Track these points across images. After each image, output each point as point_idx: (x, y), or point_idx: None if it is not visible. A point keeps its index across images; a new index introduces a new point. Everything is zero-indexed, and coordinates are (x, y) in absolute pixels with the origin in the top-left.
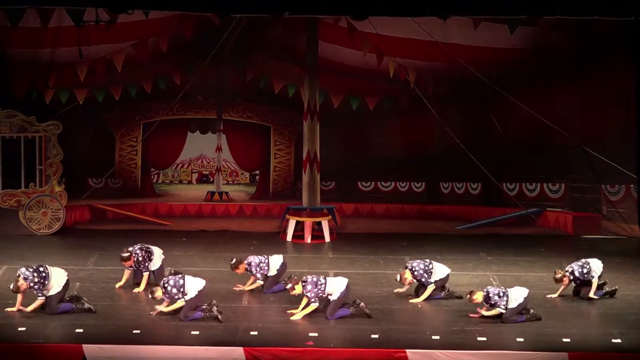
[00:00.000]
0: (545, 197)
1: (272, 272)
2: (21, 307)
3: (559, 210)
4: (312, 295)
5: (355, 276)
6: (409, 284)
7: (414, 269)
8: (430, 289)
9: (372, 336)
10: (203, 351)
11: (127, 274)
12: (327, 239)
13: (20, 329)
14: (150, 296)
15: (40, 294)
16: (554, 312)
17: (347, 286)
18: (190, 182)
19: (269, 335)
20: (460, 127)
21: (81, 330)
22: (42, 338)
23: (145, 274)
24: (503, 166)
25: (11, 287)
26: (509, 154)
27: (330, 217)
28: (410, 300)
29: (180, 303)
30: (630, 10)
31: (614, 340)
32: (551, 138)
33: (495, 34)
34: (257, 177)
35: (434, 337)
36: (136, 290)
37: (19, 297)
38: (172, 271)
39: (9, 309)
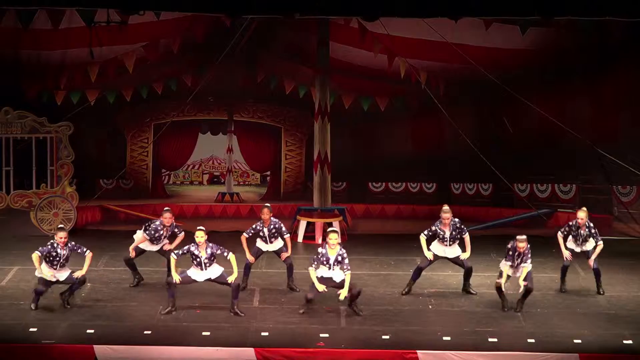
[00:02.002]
0: (556, 198)
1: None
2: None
3: (570, 211)
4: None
5: (366, 277)
6: (447, 224)
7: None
8: (468, 237)
9: (383, 337)
10: (214, 352)
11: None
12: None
13: (31, 329)
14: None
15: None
16: (565, 312)
17: None
18: (201, 183)
19: (280, 336)
20: (472, 128)
21: (92, 331)
22: (53, 338)
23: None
24: (514, 167)
25: None
26: (520, 155)
27: (341, 217)
28: (461, 256)
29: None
30: None
31: (625, 342)
32: (562, 139)
33: (506, 35)
34: (268, 178)
35: (445, 338)
36: (167, 247)
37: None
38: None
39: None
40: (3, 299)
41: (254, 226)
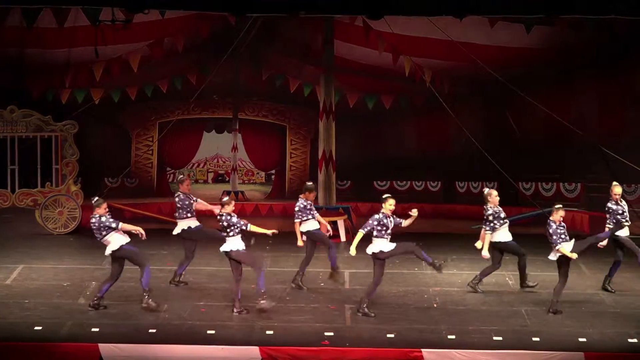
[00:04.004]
0: (561, 197)
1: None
2: None
3: (575, 209)
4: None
5: (371, 276)
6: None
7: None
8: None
9: (388, 335)
10: (219, 350)
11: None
12: (343, 238)
13: (36, 328)
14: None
15: None
16: (570, 311)
17: None
18: (206, 182)
19: (285, 335)
20: (477, 126)
21: (97, 330)
22: (58, 337)
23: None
24: (519, 166)
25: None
26: (525, 153)
27: (346, 216)
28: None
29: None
30: None
31: (630, 340)
32: (567, 137)
33: (511, 34)
34: (273, 176)
35: (449, 337)
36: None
37: None
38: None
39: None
40: (8, 298)
41: (300, 208)
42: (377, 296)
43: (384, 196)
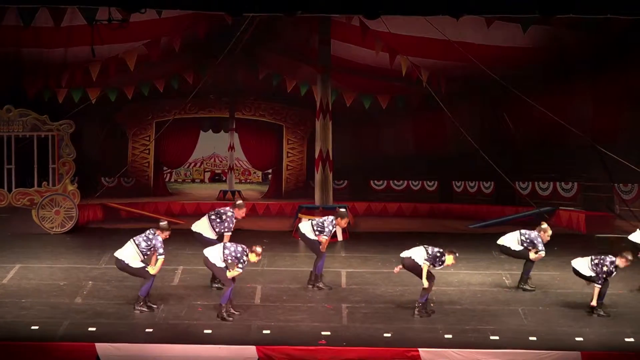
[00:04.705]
0: (558, 196)
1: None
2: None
3: (572, 209)
4: None
5: (367, 275)
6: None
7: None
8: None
9: (385, 335)
10: (216, 350)
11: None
12: (340, 237)
13: (33, 327)
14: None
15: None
16: (567, 310)
17: None
18: (202, 181)
19: (282, 334)
20: (473, 125)
21: (94, 329)
22: (55, 337)
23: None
24: (516, 165)
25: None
26: (522, 153)
27: None
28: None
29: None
30: None
31: (626, 340)
32: (564, 137)
33: (508, 33)
34: (270, 175)
35: (446, 336)
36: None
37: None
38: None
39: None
40: (5, 297)
41: (331, 229)
42: (375, 296)
43: (450, 257)
